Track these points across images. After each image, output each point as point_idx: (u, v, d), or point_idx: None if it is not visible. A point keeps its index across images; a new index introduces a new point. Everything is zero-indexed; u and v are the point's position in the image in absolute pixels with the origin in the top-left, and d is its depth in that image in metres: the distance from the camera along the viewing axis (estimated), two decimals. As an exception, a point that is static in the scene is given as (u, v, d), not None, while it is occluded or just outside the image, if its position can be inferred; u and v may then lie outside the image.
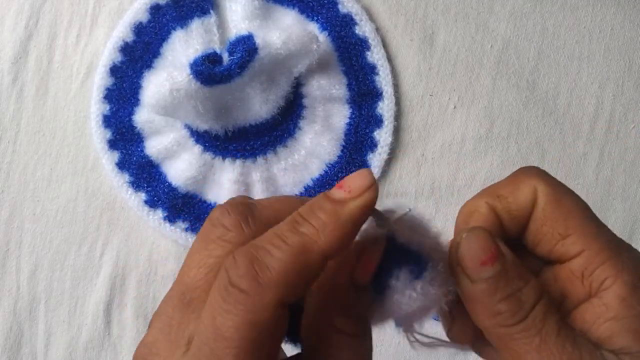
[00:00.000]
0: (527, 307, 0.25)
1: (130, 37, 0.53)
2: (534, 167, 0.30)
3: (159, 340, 0.26)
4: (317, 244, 0.24)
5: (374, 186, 0.26)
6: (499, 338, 0.26)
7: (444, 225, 0.53)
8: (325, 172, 0.53)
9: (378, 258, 0.26)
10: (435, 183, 0.54)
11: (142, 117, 0.53)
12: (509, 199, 0.28)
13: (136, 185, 0.53)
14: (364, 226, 0.26)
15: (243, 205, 0.28)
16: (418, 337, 0.27)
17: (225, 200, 0.29)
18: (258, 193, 0.52)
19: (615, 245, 0.26)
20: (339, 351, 0.25)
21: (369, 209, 0.26)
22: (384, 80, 0.53)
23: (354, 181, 0.26)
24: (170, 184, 0.53)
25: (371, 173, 0.27)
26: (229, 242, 0.26)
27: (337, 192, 0.26)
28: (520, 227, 0.28)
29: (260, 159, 0.53)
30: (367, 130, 0.53)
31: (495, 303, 0.25)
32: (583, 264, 0.26)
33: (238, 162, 0.53)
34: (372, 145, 0.53)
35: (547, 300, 0.25)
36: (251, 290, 0.23)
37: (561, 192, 0.28)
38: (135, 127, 0.53)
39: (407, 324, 0.27)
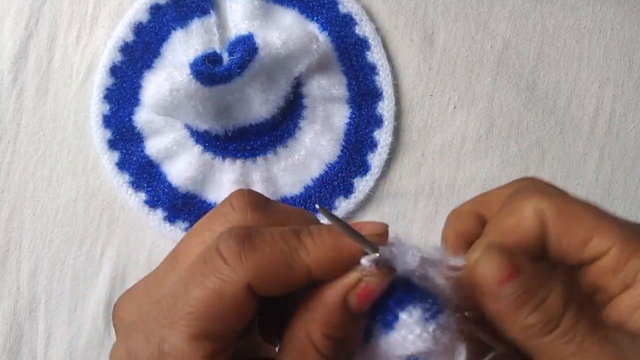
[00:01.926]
0: (557, 316, 0.25)
1: (130, 37, 0.53)
2: (526, 183, 0.29)
3: (139, 289, 0.27)
4: (307, 257, 0.24)
5: (384, 235, 0.26)
6: (536, 348, 0.25)
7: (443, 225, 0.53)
8: (325, 172, 0.53)
9: (383, 290, 0.25)
10: (435, 183, 0.54)
11: (142, 117, 0.53)
12: (517, 232, 0.27)
13: (136, 185, 0.53)
14: (374, 256, 0.25)
15: (259, 196, 0.28)
16: None
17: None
18: (258, 193, 0.52)
19: (638, 235, 0.26)
20: None
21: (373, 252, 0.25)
22: (384, 80, 0.53)
23: (368, 227, 0.26)
24: (170, 184, 0.53)
25: (386, 227, 0.26)
26: (231, 222, 0.26)
27: None
28: (538, 249, 0.27)
29: (260, 159, 0.53)
30: (367, 130, 0.53)
31: (524, 318, 0.25)
32: (613, 259, 0.26)
33: (238, 162, 0.53)
34: (372, 145, 0.53)
35: (575, 303, 0.25)
36: (231, 262, 0.24)
37: (565, 201, 0.27)
38: (135, 127, 0.53)
39: None
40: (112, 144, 0.53)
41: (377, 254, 0.25)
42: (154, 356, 0.24)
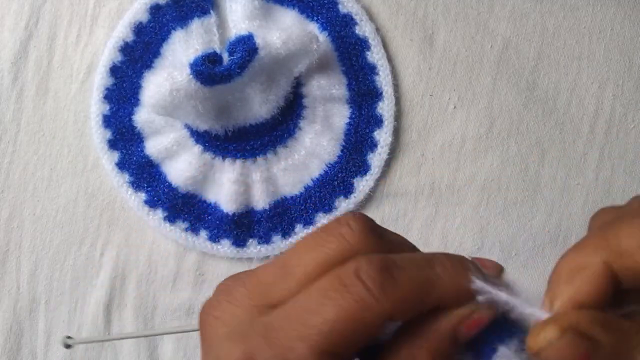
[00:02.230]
0: None
1: (130, 37, 0.53)
2: (590, 237, 0.25)
3: (239, 292, 0.27)
4: (441, 289, 0.24)
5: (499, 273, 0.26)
6: None
7: (443, 225, 0.53)
8: (325, 172, 0.53)
9: (489, 319, 0.25)
10: (435, 183, 0.54)
11: (142, 117, 0.53)
12: (635, 258, 0.23)
13: (136, 185, 0.53)
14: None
15: (373, 221, 0.27)
16: None
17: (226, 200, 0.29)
18: (258, 193, 0.52)
19: None
20: None
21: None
22: (384, 80, 0.53)
23: (487, 265, 0.27)
24: (170, 184, 0.53)
25: (501, 267, 0.27)
26: (349, 244, 0.26)
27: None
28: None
29: (260, 159, 0.53)
30: (367, 130, 0.53)
31: None
32: None
33: (238, 162, 0.53)
34: (372, 145, 0.53)
35: None
36: (375, 292, 0.23)
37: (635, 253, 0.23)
38: (135, 127, 0.53)
39: None
40: (112, 144, 0.53)
41: (493, 292, 0.25)
42: None
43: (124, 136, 0.53)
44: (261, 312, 0.25)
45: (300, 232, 0.53)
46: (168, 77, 0.47)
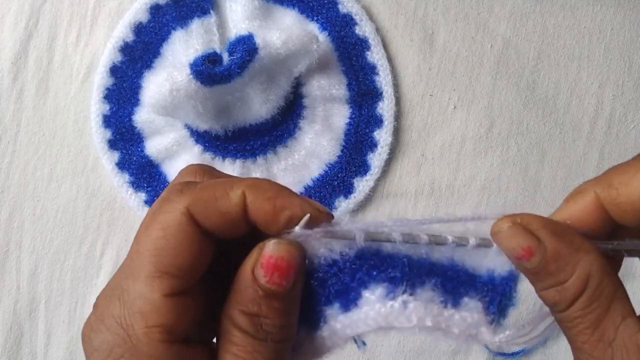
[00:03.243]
0: (566, 301, 0.25)
1: (130, 37, 0.53)
2: (584, 185, 0.28)
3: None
4: (240, 188, 0.26)
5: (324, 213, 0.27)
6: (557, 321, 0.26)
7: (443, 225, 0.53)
8: (325, 172, 0.53)
9: (297, 264, 0.25)
10: (435, 183, 0.54)
11: (142, 117, 0.53)
12: (619, 190, 0.26)
13: (136, 185, 0.53)
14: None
15: (205, 165, 0.31)
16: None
17: None
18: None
19: None
20: (229, 345, 0.25)
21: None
22: (384, 80, 0.53)
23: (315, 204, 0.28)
24: (170, 184, 0.53)
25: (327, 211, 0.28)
26: (180, 183, 0.28)
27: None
28: (635, 218, 0.27)
29: (260, 159, 0.53)
30: (367, 130, 0.53)
31: (539, 290, 0.26)
32: None
33: (238, 162, 0.53)
34: (372, 145, 0.53)
35: (595, 292, 0.25)
36: (173, 196, 0.26)
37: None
38: (135, 127, 0.53)
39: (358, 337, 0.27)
40: (112, 144, 0.53)
41: (305, 218, 0.25)
42: (119, 311, 0.25)
43: (124, 136, 0.53)
44: None
45: (300, 232, 0.53)
46: (168, 77, 0.47)
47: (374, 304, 0.26)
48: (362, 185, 0.53)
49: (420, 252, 0.27)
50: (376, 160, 0.53)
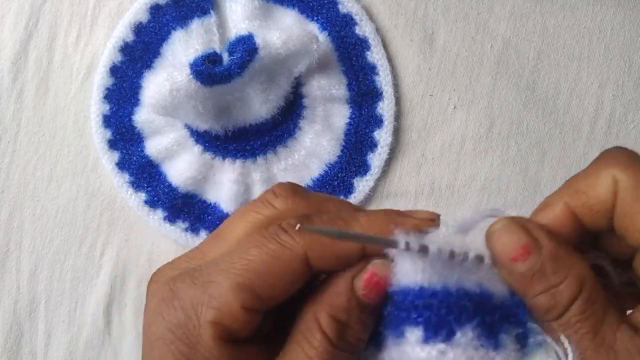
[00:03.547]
0: (562, 305, 0.25)
1: (130, 37, 0.53)
2: (614, 151, 0.28)
3: (181, 260, 0.29)
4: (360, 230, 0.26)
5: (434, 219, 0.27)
6: (544, 325, 0.26)
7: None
8: (325, 172, 0.53)
9: (387, 277, 0.26)
10: (435, 183, 0.54)
11: (142, 117, 0.53)
12: (588, 194, 0.26)
13: (136, 185, 0.53)
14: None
15: (299, 185, 0.30)
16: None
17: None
18: (258, 193, 0.52)
19: None
20: (307, 345, 0.25)
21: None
22: (384, 80, 0.53)
23: (419, 213, 0.28)
24: (170, 184, 0.53)
25: (435, 215, 0.28)
26: (275, 207, 0.28)
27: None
28: (607, 220, 0.26)
29: (260, 159, 0.53)
30: (367, 130, 0.53)
31: (531, 297, 0.25)
32: None
33: (238, 162, 0.53)
34: (372, 145, 0.53)
35: (591, 296, 0.24)
36: (292, 232, 0.26)
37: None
38: (135, 127, 0.53)
39: None
40: (112, 144, 0.53)
41: (403, 241, 0.25)
42: (198, 298, 0.25)
43: (124, 136, 0.53)
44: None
45: (300, 232, 0.53)
46: (168, 77, 0.47)
47: (414, 347, 0.25)
48: (362, 185, 0.53)
49: (454, 278, 0.25)
50: (376, 160, 0.53)
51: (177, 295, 0.26)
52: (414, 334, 0.25)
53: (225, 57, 0.49)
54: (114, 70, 0.53)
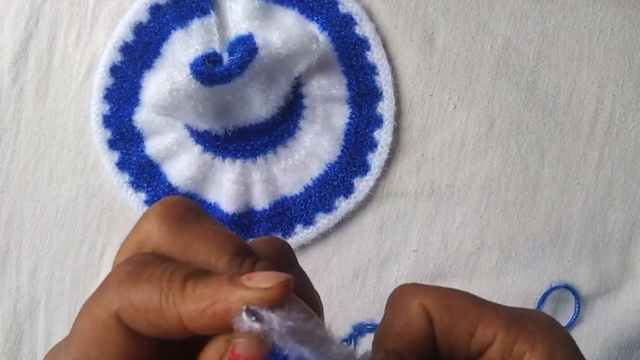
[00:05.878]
0: None
1: (130, 37, 0.53)
2: (407, 285, 0.28)
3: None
4: (180, 306, 0.23)
5: (285, 284, 0.23)
6: None
7: (443, 225, 0.53)
8: (325, 172, 0.53)
9: (262, 357, 0.22)
10: (435, 183, 0.54)
11: (142, 117, 0.53)
12: (408, 336, 0.26)
13: (136, 185, 0.53)
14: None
15: (176, 208, 0.26)
16: None
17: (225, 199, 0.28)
18: (258, 193, 0.52)
19: (518, 318, 0.26)
20: None
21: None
22: (384, 80, 0.53)
23: (257, 278, 0.23)
24: (170, 184, 0.53)
25: (280, 279, 0.23)
26: (143, 234, 0.25)
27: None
28: (433, 348, 0.26)
29: (260, 159, 0.53)
30: (367, 130, 0.53)
31: None
32: (500, 348, 0.25)
33: (238, 162, 0.53)
34: (372, 145, 0.53)
35: None
36: (110, 290, 0.24)
37: (445, 295, 0.26)
38: (135, 127, 0.53)
39: None
40: (112, 144, 0.53)
41: (245, 313, 0.21)
42: None
43: (124, 136, 0.53)
44: None
45: (300, 232, 0.53)
46: (168, 77, 0.47)
47: None
48: (362, 185, 0.53)
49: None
50: (376, 160, 0.53)
51: None
52: None
53: (225, 57, 0.49)
54: (114, 70, 0.53)
